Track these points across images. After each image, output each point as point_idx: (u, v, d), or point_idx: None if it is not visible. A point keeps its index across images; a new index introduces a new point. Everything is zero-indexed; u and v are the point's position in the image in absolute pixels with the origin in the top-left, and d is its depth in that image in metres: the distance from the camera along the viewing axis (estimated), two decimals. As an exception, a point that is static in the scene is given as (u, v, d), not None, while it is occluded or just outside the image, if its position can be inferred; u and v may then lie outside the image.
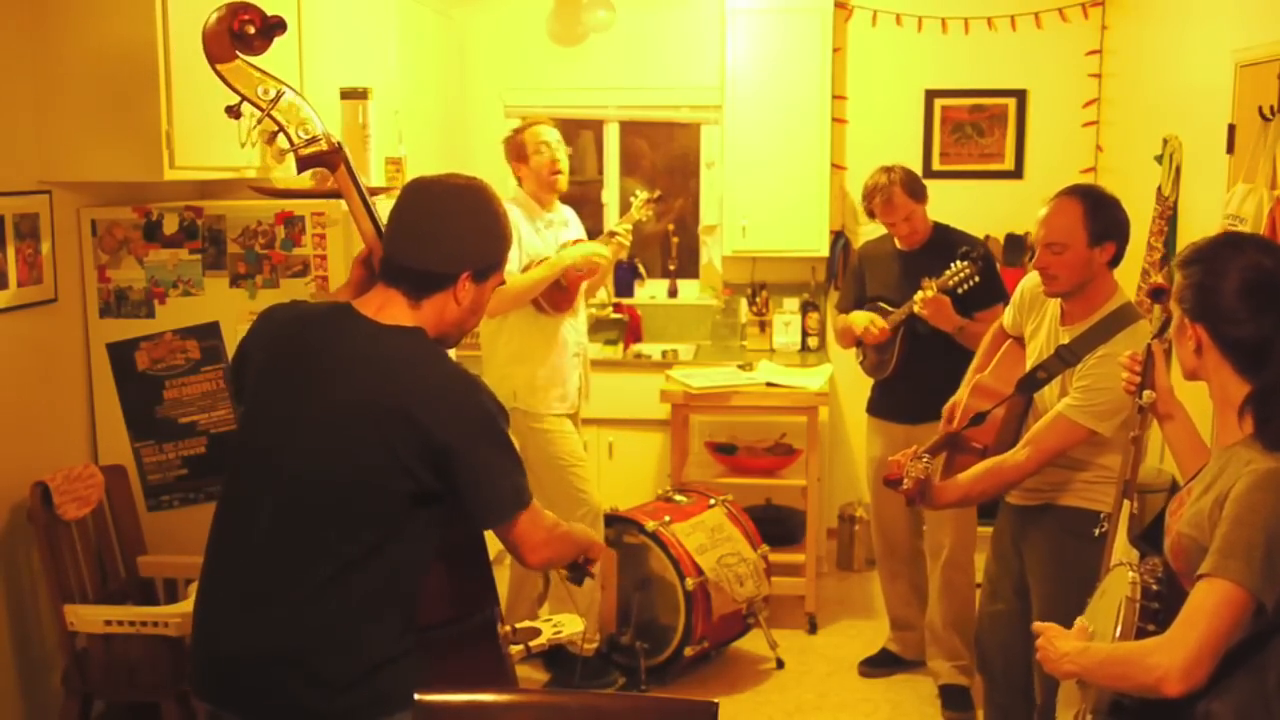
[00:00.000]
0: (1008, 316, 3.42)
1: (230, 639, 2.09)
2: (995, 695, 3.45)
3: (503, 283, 2.30)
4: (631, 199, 4.52)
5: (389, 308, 2.13)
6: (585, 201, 5.96)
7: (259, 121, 2.37)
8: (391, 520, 2.06)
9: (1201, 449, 2.32)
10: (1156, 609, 2.06)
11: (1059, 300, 3.11)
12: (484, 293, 2.20)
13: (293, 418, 2.08)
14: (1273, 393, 2.01)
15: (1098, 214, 3.00)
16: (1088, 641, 2.14)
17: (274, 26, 2.39)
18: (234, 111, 2.39)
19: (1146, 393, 2.37)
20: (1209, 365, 2.08)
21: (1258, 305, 2.02)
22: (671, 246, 6.14)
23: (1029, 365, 3.20)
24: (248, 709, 2.09)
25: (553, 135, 4.27)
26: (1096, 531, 2.94)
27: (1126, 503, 2.36)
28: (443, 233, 2.12)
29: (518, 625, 2.67)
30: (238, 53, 2.36)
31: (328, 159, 2.38)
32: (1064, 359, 3.03)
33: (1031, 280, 3.27)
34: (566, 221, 4.43)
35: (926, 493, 3.04)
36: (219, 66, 2.35)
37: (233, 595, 2.10)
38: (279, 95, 2.35)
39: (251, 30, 2.35)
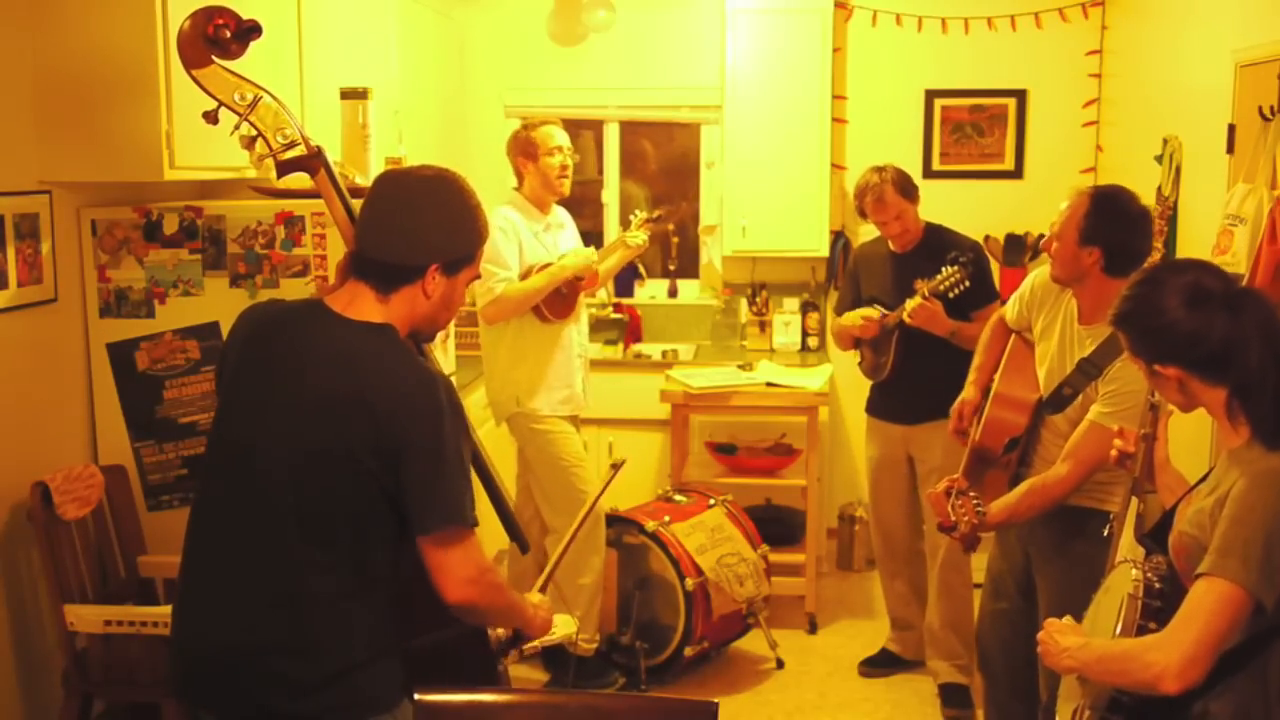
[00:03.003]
0: (1010, 310, 3.40)
1: (205, 639, 2.09)
2: (995, 694, 3.45)
3: (477, 276, 2.28)
4: (631, 217, 4.53)
5: (358, 302, 2.11)
6: (585, 202, 5.97)
7: (236, 127, 2.35)
8: (361, 522, 2.05)
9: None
10: (1159, 607, 2.07)
11: (1074, 299, 3.11)
12: (456, 286, 2.16)
13: (262, 418, 2.07)
14: (1250, 387, 2.05)
15: (1095, 218, 2.98)
16: (1088, 628, 2.15)
17: (249, 30, 2.37)
18: (211, 117, 2.38)
19: (1157, 392, 2.38)
20: (1197, 392, 2.12)
21: (1205, 314, 2.07)
22: (671, 246, 6.15)
23: (1042, 362, 3.19)
24: (223, 708, 2.10)
25: (564, 138, 4.25)
26: (1105, 531, 2.95)
27: (1135, 500, 2.37)
28: (410, 224, 2.10)
29: None
30: (213, 57, 2.34)
31: (307, 163, 2.36)
32: (1087, 373, 3.01)
33: (1041, 275, 3.26)
34: (563, 224, 4.42)
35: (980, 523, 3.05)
36: (194, 72, 2.33)
37: (207, 596, 2.10)
38: (256, 100, 2.33)
39: (227, 34, 2.33)
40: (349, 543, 2.05)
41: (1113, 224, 3.00)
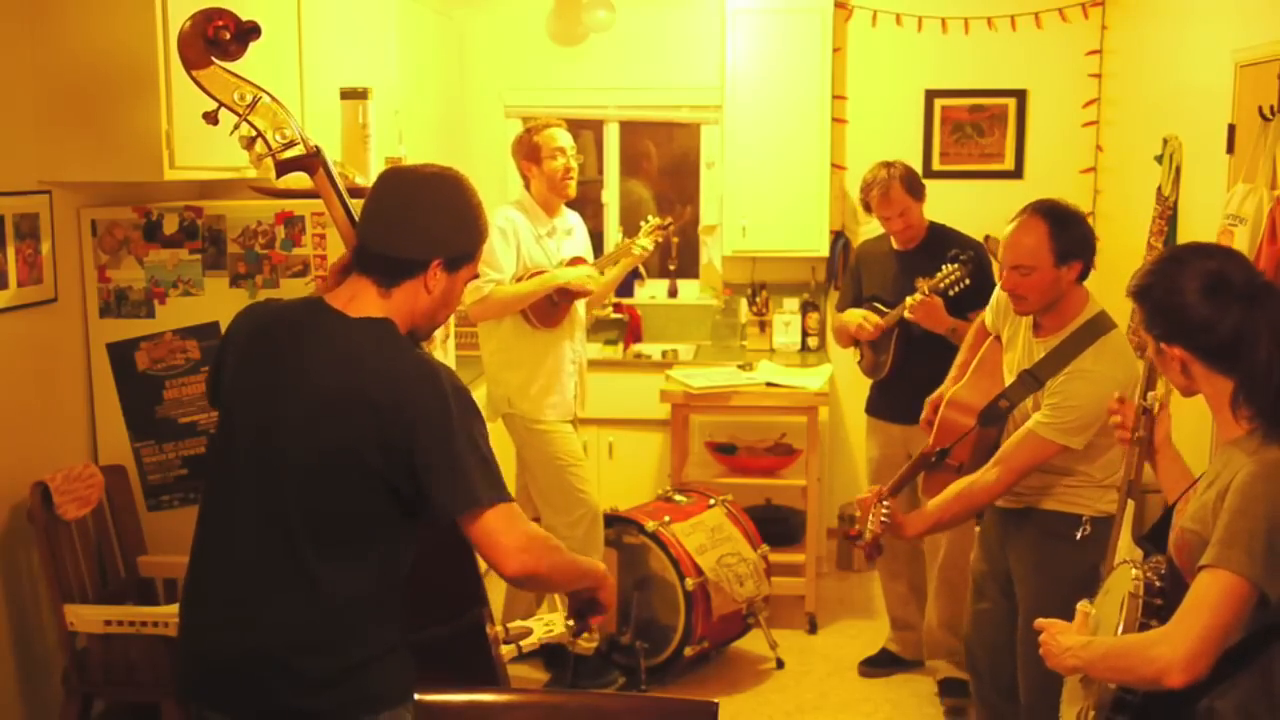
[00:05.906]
0: (988, 317, 3.41)
1: (218, 640, 2.08)
2: (984, 693, 3.45)
3: (476, 275, 2.27)
4: (642, 224, 4.52)
5: (359, 299, 2.11)
6: (585, 202, 5.96)
7: (236, 127, 2.37)
8: (369, 519, 2.05)
9: (1188, 478, 2.35)
10: (1160, 605, 2.07)
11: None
12: (456, 283, 2.16)
13: (267, 418, 2.07)
14: (1257, 380, 2.03)
15: (1063, 233, 2.95)
16: (1090, 631, 2.15)
17: (249, 32, 2.38)
18: (211, 117, 2.39)
19: (1150, 394, 2.38)
20: (1198, 377, 2.11)
21: (1221, 303, 2.06)
22: (671, 246, 6.15)
23: (1009, 371, 3.19)
24: (233, 708, 2.09)
25: (567, 140, 4.25)
26: (1078, 535, 2.97)
27: (1130, 502, 2.36)
28: (415, 219, 2.11)
29: (510, 625, 2.66)
30: (213, 59, 2.35)
31: (306, 163, 2.37)
32: (1027, 384, 3.02)
33: None
34: (570, 229, 4.41)
35: (892, 533, 3.09)
36: (195, 73, 2.35)
37: (216, 595, 2.10)
38: (255, 100, 2.34)
39: (226, 36, 2.34)
40: (360, 541, 2.05)
41: (1078, 230, 2.99)
